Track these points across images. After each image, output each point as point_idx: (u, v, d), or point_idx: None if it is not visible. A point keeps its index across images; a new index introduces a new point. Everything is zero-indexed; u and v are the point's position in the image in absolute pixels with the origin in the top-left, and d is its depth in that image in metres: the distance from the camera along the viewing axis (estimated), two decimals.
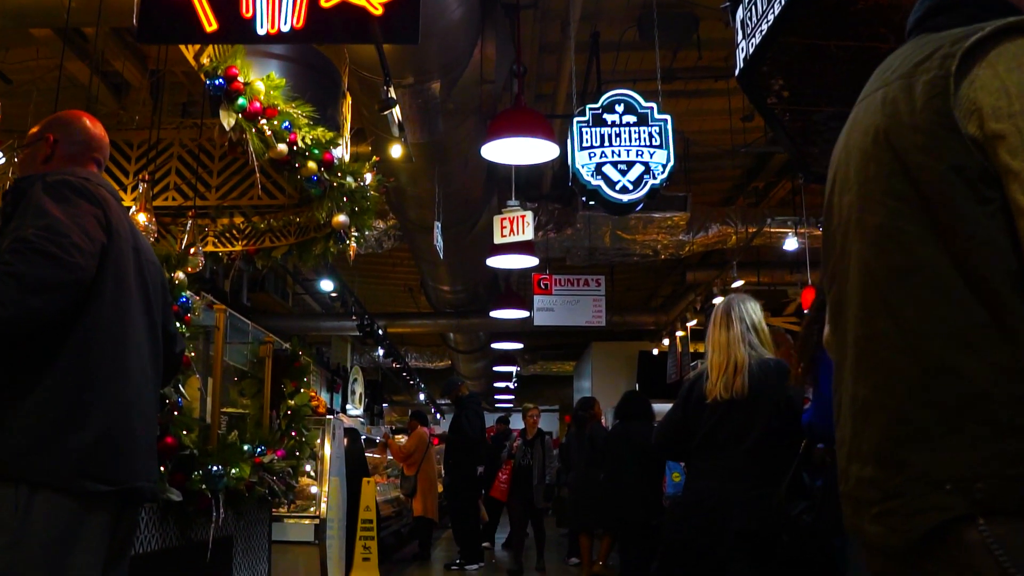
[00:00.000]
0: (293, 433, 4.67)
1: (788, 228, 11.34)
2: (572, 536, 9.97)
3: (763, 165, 12.37)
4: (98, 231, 2.25)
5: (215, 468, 3.20)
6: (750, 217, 11.97)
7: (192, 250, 4.50)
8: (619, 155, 5.23)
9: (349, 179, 4.21)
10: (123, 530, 2.37)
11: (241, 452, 3.64)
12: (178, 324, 3.05)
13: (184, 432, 2.98)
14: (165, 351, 2.49)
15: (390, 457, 11.35)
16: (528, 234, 6.93)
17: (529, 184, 10.21)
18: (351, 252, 4.50)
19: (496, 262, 9.29)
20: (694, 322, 12.27)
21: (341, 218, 4.24)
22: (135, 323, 2.37)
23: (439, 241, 6.99)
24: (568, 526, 10.05)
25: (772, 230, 11.03)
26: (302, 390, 4.85)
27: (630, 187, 5.17)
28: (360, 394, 18.55)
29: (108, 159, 2.56)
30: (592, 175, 5.17)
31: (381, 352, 15.73)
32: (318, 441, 7.48)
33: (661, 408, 8.44)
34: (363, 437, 10.44)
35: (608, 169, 5.19)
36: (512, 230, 7.02)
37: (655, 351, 14.96)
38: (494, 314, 12.25)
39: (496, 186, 9.75)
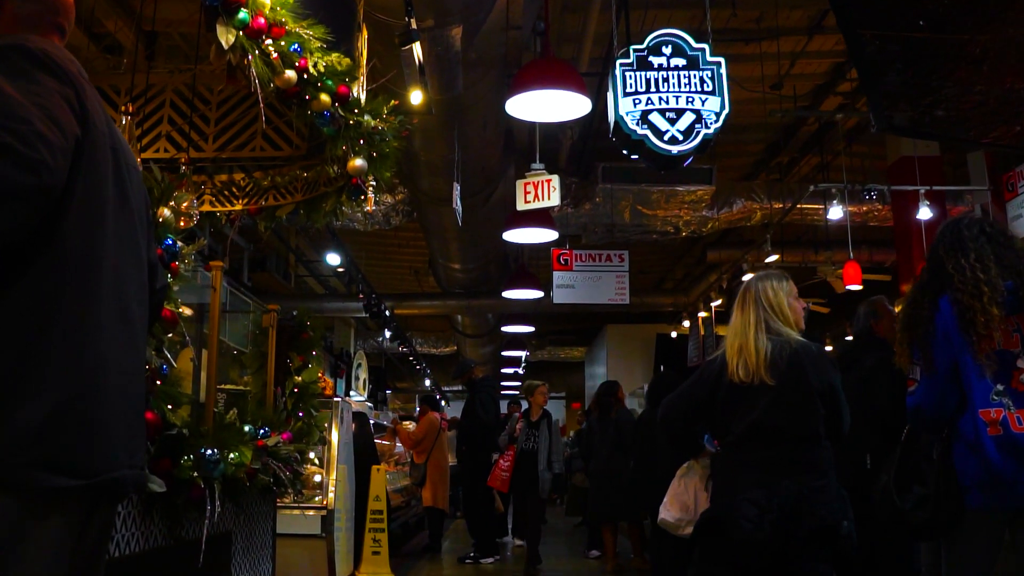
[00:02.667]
0: (300, 414, 4.09)
1: (818, 205, 10.77)
2: (593, 528, 9.40)
3: (788, 139, 11.79)
4: (70, 119, 1.63)
5: (209, 452, 2.61)
6: (776, 192, 11.39)
7: (185, 203, 3.92)
8: (667, 102, 4.62)
9: (367, 118, 3.62)
10: (94, 534, 1.77)
11: (241, 434, 3.06)
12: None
13: (169, 407, 2.40)
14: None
15: (399, 446, 10.80)
16: (554, 199, 6.34)
17: (545, 157, 9.63)
18: (368, 205, 3.91)
19: (514, 236, 8.70)
20: (718, 302, 11.66)
21: (358, 162, 3.64)
22: (112, 251, 1.76)
23: (458, 205, 6.40)
24: (590, 518, 9.43)
25: (804, 206, 10.45)
26: (310, 365, 4.27)
27: (680, 137, 4.57)
28: (364, 380, 17.97)
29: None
30: (637, 124, 4.57)
31: (388, 334, 15.13)
32: (326, 424, 6.92)
33: None
34: (371, 422, 9.87)
35: (655, 117, 4.59)
36: (537, 195, 6.42)
37: (673, 334, 14.37)
38: (506, 294, 11.66)
39: (513, 155, 9.16)
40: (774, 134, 11.80)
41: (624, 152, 4.78)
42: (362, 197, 4.25)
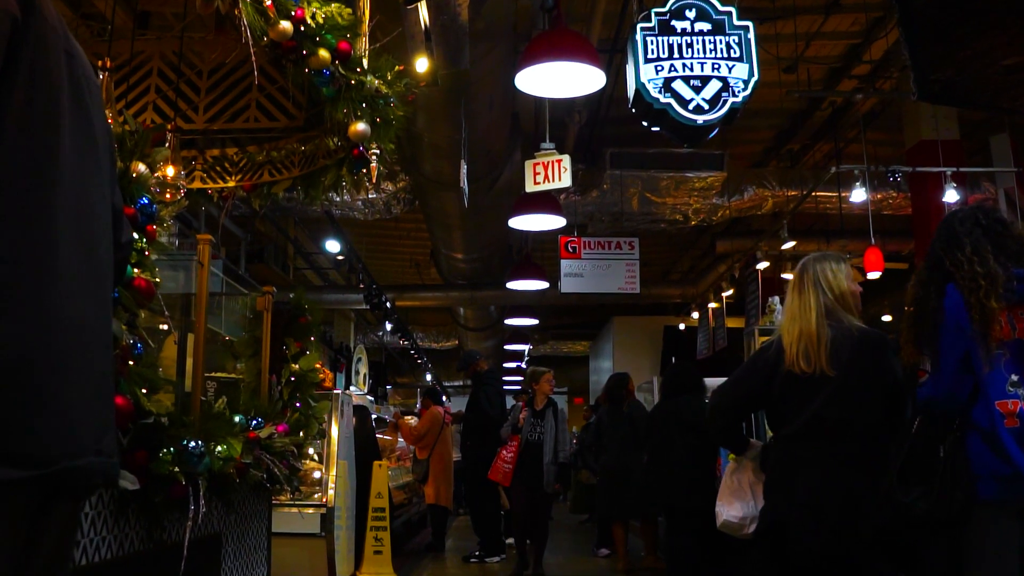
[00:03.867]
0: (297, 404, 3.77)
1: (832, 193, 10.45)
2: (603, 525, 9.08)
3: (799, 126, 11.46)
4: None
5: (192, 444, 2.29)
6: (789, 179, 11.07)
7: (172, 171, 3.59)
8: (692, 69, 4.29)
9: (371, 79, 3.29)
10: (51, 536, 1.42)
11: (230, 425, 2.74)
12: (138, 238, 2.14)
13: (144, 391, 2.07)
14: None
15: (401, 441, 10.48)
16: (565, 180, 6.02)
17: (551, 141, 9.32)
18: (371, 173, 3.58)
19: (520, 223, 8.38)
20: (729, 292, 11.33)
21: (360, 126, 3.32)
22: (72, 175, 1.39)
23: (465, 184, 6.07)
24: (600, 515, 9.10)
25: (818, 194, 10.12)
26: (308, 352, 3.94)
27: (705, 106, 4.24)
28: (364, 374, 17.65)
29: None
30: (660, 92, 4.24)
31: (388, 326, 14.79)
32: (325, 417, 6.61)
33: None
34: (375, 417, 9.55)
35: (679, 85, 4.26)
36: (547, 176, 6.11)
37: (682, 326, 14.03)
38: (511, 285, 11.36)
39: (519, 140, 8.83)
40: (785, 120, 11.47)
41: (644, 124, 4.46)
42: (364, 171, 3.93)
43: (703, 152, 10.29)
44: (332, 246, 11.64)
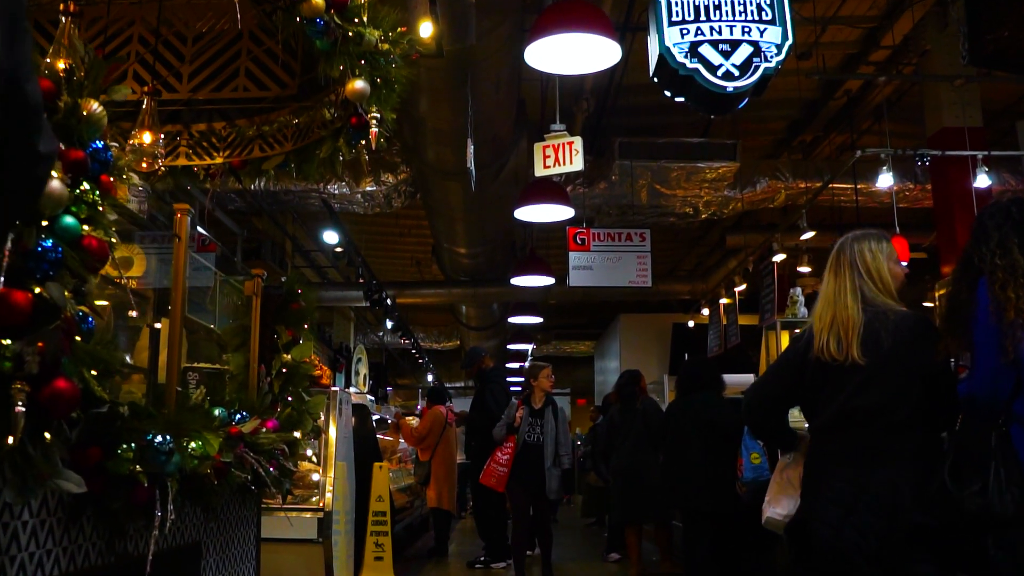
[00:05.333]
0: (289, 399, 3.41)
1: (848, 184, 10.09)
2: (614, 529, 8.71)
3: (812, 117, 11.11)
4: None
5: (159, 439, 1.92)
6: (803, 171, 10.72)
7: (149, 138, 3.23)
8: (720, 32, 3.93)
9: (370, 31, 2.93)
10: None
11: (208, 418, 2.38)
12: (89, 188, 1.77)
13: (93, 374, 1.71)
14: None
15: (403, 442, 10.11)
16: (577, 164, 5.66)
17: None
18: (371, 140, 3.22)
19: (526, 213, 8.01)
20: (742, 287, 10.95)
21: (358, 84, 2.96)
22: None
23: (471, 164, 5.70)
24: (612, 519, 8.72)
25: (834, 185, 9.75)
26: (301, 341, 3.58)
27: (735, 72, 3.88)
28: (364, 375, 17.31)
29: None
30: (686, 57, 3.88)
31: (389, 324, 14.42)
32: (322, 415, 6.24)
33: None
34: (374, 417, 9.19)
35: (706, 50, 3.90)
36: (557, 159, 5.75)
37: (691, 323, 13.65)
38: (515, 281, 10.99)
39: (525, 128, 8.48)
40: (797, 111, 11.12)
41: (668, 94, 4.09)
42: (364, 142, 3.58)
43: (715, 142, 9.95)
44: (330, 237, 11.21)
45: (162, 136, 3.24)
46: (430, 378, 22.20)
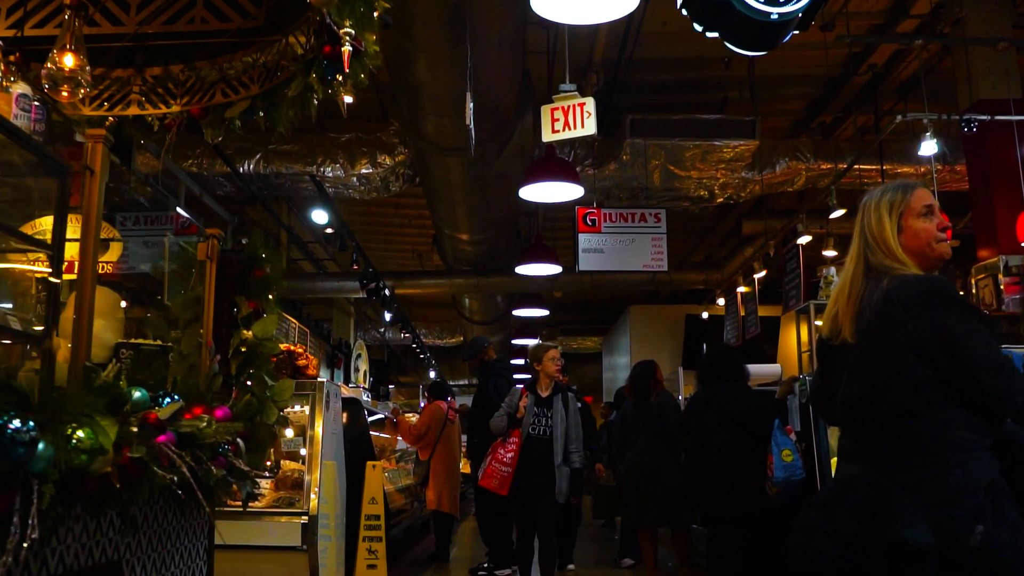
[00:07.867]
0: (249, 383, 2.82)
1: (874, 165, 9.50)
2: (627, 532, 8.11)
3: (833, 95, 10.50)
4: None
5: (17, 424, 1.35)
6: (824, 151, 10.11)
7: (72, 60, 2.63)
8: None
9: None
10: None
11: (115, 401, 1.80)
12: None
13: None
14: None
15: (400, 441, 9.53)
16: (590, 127, 5.07)
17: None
18: (344, 61, 2.63)
19: (532, 192, 7.42)
20: (762, 274, 10.33)
21: None
22: None
23: (471, 122, 5.10)
24: (624, 522, 8.12)
25: (860, 167, 9.15)
26: (265, 314, 2.99)
27: None
28: (364, 372, 16.73)
29: None
30: None
31: (388, 316, 13.81)
32: (303, 409, 5.66)
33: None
34: (375, 417, 8.61)
35: None
36: (567, 123, 5.15)
37: (704, 314, 13.03)
38: (520, 270, 10.42)
39: (530, 100, 7.90)
40: (818, 89, 10.52)
41: (699, 28, 3.50)
42: (339, 76, 2.99)
43: (732, 119, 9.33)
44: (319, 216, 10.51)
45: (113, 78, 2.64)
46: (432, 375, 21.61)
